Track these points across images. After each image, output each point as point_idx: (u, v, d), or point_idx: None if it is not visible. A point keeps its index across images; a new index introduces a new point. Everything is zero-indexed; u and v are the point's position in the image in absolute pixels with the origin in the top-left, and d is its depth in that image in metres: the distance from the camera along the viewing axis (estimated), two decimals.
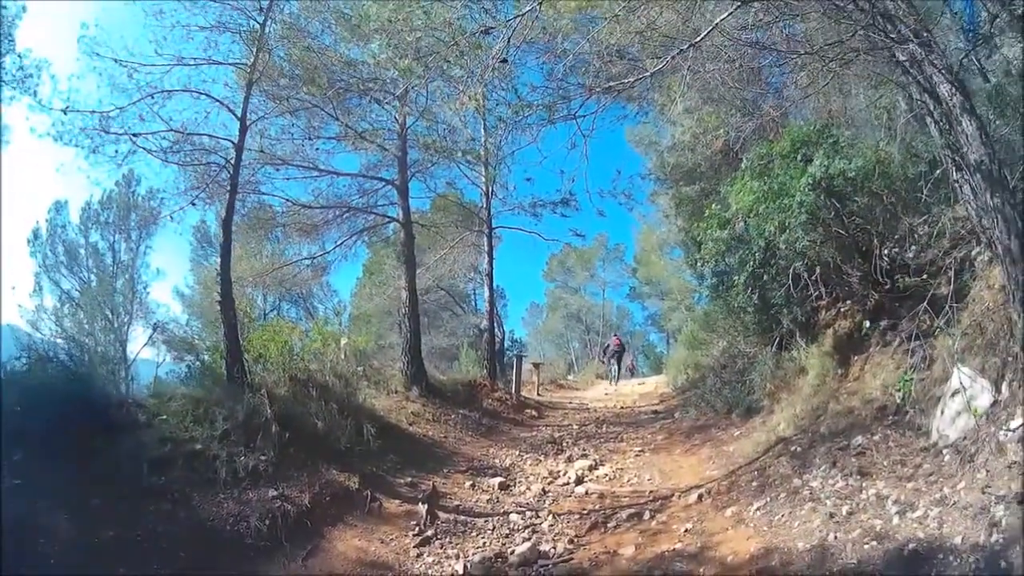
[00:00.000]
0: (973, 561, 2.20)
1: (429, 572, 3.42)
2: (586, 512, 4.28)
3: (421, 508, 4.17)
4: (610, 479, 5.21)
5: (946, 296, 3.64)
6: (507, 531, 4.01)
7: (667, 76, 4.76)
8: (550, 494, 4.85)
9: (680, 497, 4.26)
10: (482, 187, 10.88)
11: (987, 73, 5.03)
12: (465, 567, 3.39)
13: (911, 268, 4.42)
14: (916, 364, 3.76)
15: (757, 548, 3.00)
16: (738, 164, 6.28)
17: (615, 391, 13.07)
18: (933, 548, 2.38)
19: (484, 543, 3.81)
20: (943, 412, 3.26)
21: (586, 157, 4.84)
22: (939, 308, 3.70)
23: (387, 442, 5.38)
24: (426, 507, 4.17)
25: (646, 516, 4.00)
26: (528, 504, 4.58)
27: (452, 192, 11.41)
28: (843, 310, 5.31)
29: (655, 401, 10.18)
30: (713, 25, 3.49)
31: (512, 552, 3.59)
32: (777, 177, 4.93)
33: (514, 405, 9.18)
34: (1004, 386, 2.95)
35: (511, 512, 4.37)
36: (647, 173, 11.29)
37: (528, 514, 4.30)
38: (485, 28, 3.75)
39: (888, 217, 4.62)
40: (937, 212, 4.31)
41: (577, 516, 4.22)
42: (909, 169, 4.54)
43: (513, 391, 9.65)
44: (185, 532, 3.07)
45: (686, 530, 3.59)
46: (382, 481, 4.67)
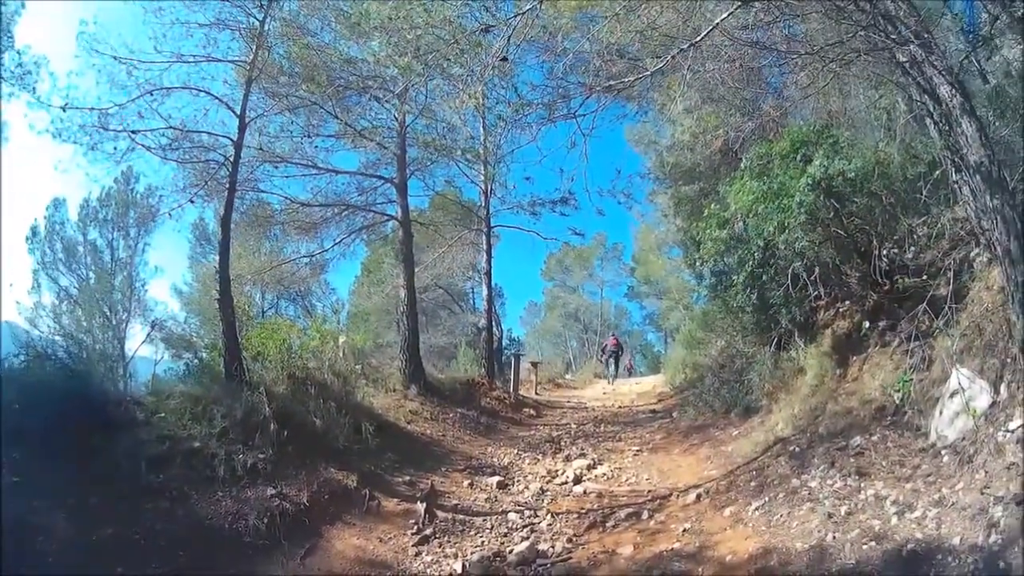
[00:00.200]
0: (971, 562, 2.20)
1: (427, 571, 3.42)
2: (584, 511, 4.28)
3: (419, 507, 4.17)
4: (608, 478, 5.21)
5: (945, 297, 3.65)
6: (505, 530, 4.01)
7: (667, 75, 4.77)
8: (548, 493, 4.85)
9: (678, 497, 4.27)
10: (481, 185, 10.87)
11: (987, 74, 5.01)
12: (464, 566, 3.39)
13: (910, 269, 4.43)
14: (915, 365, 3.76)
15: (755, 548, 3.01)
16: (737, 164, 6.28)
17: (613, 390, 13.07)
18: (931, 549, 2.38)
19: (482, 542, 3.81)
20: (942, 413, 3.26)
21: (585, 156, 4.86)
22: (938, 309, 3.70)
23: (385, 440, 5.38)
24: (424, 506, 4.17)
25: (644, 515, 4.01)
26: (526, 503, 4.59)
27: (451, 190, 11.44)
28: (842, 310, 5.31)
29: (653, 400, 10.18)
30: (713, 25, 3.49)
31: (510, 551, 3.59)
32: (776, 177, 4.92)
33: (512, 404, 9.18)
34: (1003, 387, 2.96)
35: (509, 511, 4.37)
36: (646, 172, 11.33)
37: (526, 513, 4.31)
38: (485, 26, 3.74)
39: (887, 218, 4.61)
40: (936, 213, 4.32)
41: (575, 515, 4.22)
42: (909, 170, 4.54)
43: (511, 390, 9.64)
44: (183, 530, 3.07)
45: (684, 530, 3.60)
46: (380, 480, 4.67)
